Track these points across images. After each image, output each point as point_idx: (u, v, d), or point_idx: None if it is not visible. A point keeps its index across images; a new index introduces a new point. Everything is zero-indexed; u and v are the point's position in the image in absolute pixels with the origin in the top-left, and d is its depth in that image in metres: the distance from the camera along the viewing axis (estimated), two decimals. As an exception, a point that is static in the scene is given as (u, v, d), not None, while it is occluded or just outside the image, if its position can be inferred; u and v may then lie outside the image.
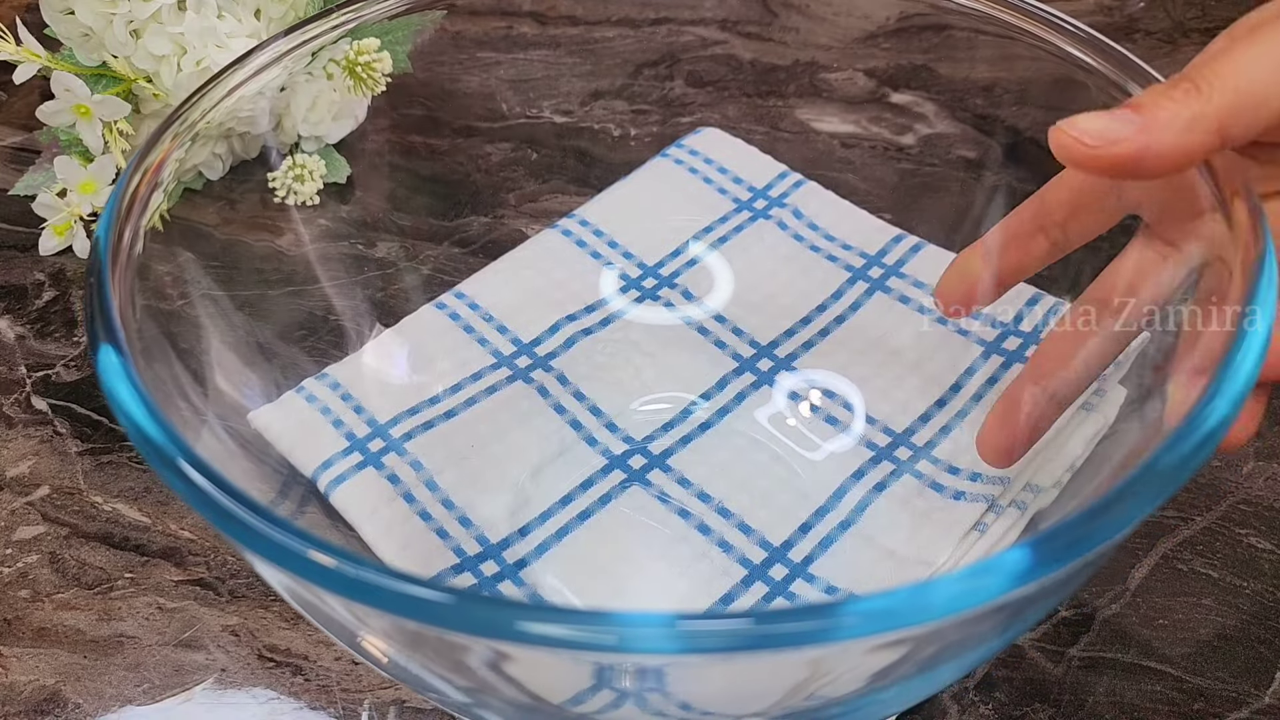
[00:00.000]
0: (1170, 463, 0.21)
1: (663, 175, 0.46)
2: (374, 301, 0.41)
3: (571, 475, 0.36)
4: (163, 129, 0.30)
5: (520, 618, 0.19)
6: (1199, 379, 0.23)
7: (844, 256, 0.42)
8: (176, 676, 0.33)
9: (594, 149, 0.49)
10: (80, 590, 0.35)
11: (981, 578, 0.19)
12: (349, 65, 0.43)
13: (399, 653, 0.24)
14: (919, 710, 0.31)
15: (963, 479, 0.34)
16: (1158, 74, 0.31)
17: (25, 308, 0.44)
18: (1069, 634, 0.33)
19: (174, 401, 0.27)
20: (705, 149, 0.47)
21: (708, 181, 0.46)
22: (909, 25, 0.46)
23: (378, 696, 0.32)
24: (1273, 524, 0.35)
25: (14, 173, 0.50)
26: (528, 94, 0.51)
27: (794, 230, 0.43)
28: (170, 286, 0.33)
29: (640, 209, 0.45)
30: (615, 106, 0.50)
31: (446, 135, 0.50)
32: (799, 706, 0.25)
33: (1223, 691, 0.32)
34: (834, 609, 0.19)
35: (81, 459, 0.39)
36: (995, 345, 0.38)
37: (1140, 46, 0.56)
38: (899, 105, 0.49)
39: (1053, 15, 0.34)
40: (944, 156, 0.47)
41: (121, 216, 0.28)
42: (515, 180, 0.48)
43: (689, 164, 0.46)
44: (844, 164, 0.47)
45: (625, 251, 0.43)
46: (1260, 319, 0.24)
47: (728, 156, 0.47)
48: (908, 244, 0.42)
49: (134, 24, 0.42)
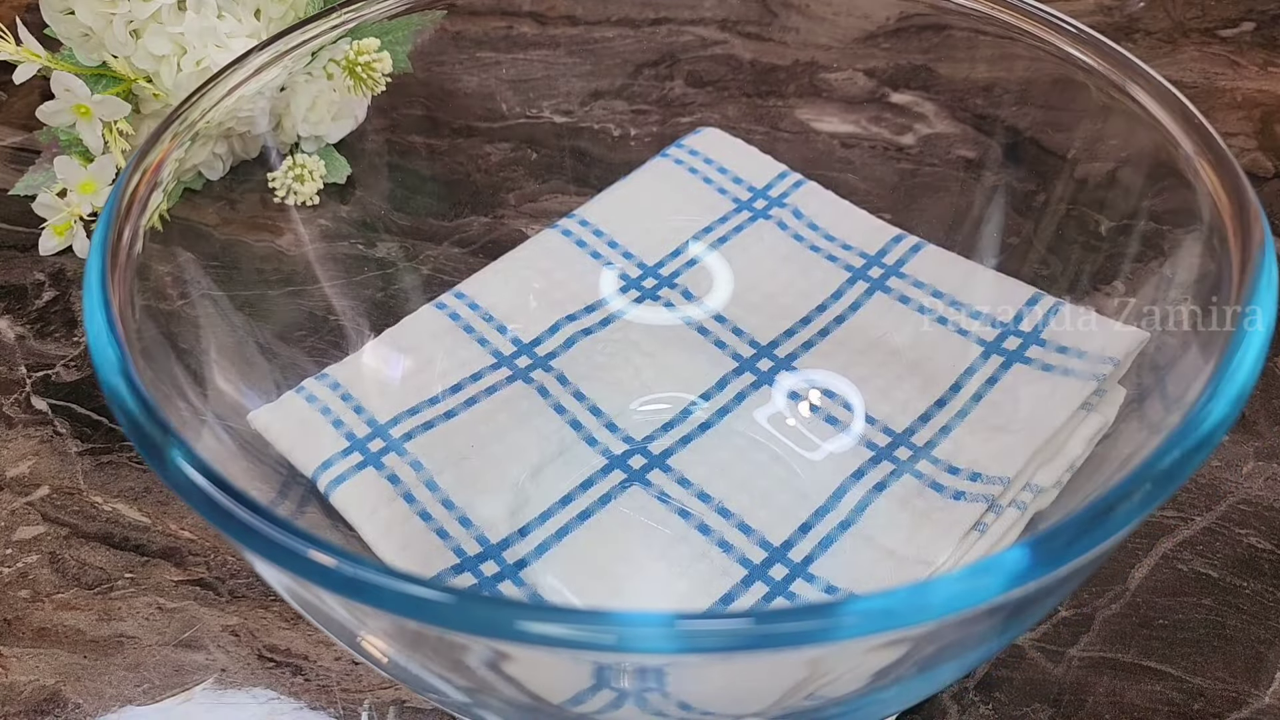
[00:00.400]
0: (1169, 463, 0.21)
1: (663, 175, 0.46)
2: (374, 301, 0.41)
3: (571, 475, 0.36)
4: (162, 129, 0.30)
5: (520, 617, 0.19)
6: None
7: (844, 256, 0.42)
8: (176, 677, 0.33)
9: (594, 149, 0.49)
10: (80, 590, 0.35)
11: (981, 577, 0.19)
12: (349, 65, 0.43)
13: (399, 653, 0.24)
14: (919, 710, 0.31)
15: (962, 479, 0.34)
16: (1158, 74, 0.31)
17: (25, 308, 0.44)
18: (1069, 634, 0.33)
19: (173, 401, 0.27)
20: (705, 149, 0.47)
21: (708, 181, 0.46)
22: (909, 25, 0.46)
23: (377, 696, 0.32)
24: (1273, 524, 0.35)
25: (14, 173, 0.50)
26: (527, 94, 0.51)
27: (794, 230, 0.43)
28: (170, 286, 0.33)
29: (640, 209, 0.45)
30: (615, 106, 0.50)
31: (446, 135, 0.50)
32: (799, 706, 0.25)
33: (1223, 692, 0.32)
34: (834, 609, 0.19)
35: (81, 459, 0.39)
36: (995, 345, 0.38)
37: (1140, 46, 0.56)
38: (899, 105, 0.49)
39: (1052, 15, 0.34)
40: (944, 156, 0.47)
41: (121, 216, 0.28)
42: (515, 180, 0.48)
43: (689, 164, 0.46)
44: (844, 164, 0.47)
45: (625, 251, 0.43)
46: (1259, 319, 0.24)
47: (727, 156, 0.47)
48: (908, 244, 0.42)
49: (134, 24, 0.42)
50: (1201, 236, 0.29)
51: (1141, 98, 0.31)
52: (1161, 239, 0.33)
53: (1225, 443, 0.38)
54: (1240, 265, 0.26)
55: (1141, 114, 0.31)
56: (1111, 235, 0.36)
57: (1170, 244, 0.32)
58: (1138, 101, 0.31)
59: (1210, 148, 0.28)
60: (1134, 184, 0.34)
